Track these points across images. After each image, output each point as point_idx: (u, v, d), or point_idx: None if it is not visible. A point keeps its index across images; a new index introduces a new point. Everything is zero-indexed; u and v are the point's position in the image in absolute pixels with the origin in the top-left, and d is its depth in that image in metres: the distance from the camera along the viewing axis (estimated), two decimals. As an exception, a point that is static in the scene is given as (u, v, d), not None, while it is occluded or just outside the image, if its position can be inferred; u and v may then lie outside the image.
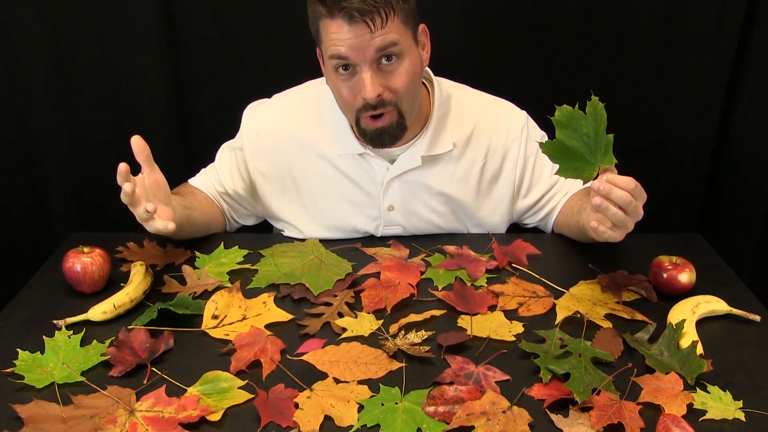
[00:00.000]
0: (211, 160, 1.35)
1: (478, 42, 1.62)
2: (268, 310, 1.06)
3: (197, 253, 1.21)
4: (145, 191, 1.05)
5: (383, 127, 1.12)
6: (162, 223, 1.04)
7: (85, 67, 1.59)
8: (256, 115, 1.29)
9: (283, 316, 1.05)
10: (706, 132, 1.73)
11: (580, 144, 0.96)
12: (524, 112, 1.30)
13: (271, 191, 1.30)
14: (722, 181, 1.78)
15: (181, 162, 1.67)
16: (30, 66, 1.57)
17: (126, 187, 0.99)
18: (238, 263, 1.19)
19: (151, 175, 1.08)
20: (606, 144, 0.95)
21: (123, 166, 0.98)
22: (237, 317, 1.05)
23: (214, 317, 1.05)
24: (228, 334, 1.01)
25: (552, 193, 1.30)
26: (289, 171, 1.28)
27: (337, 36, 1.04)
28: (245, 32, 1.59)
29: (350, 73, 1.09)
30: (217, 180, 1.32)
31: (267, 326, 1.03)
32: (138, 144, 1.06)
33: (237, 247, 1.23)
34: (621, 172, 0.95)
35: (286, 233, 1.34)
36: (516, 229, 1.38)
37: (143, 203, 1.02)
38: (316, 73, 1.29)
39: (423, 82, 1.22)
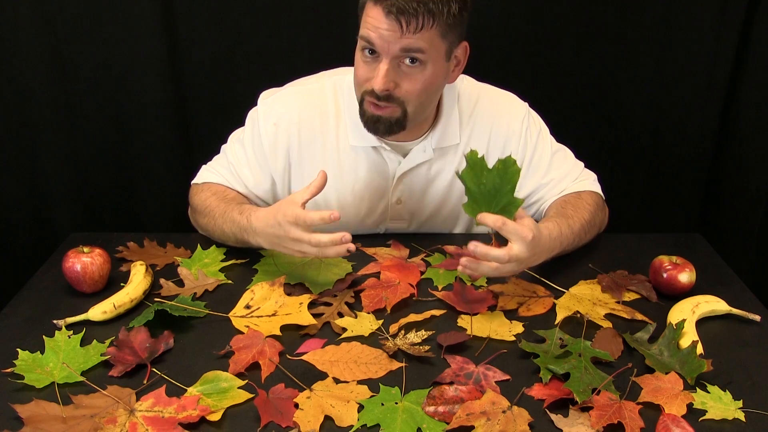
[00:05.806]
0: (211, 159, 1.34)
1: (481, 37, 1.61)
2: (299, 312, 1.04)
3: (179, 259, 1.19)
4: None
5: (381, 116, 1.13)
6: (353, 246, 1.05)
7: (85, 67, 1.59)
8: (272, 104, 1.27)
9: (310, 320, 1.03)
10: (706, 132, 1.73)
11: (477, 191, 0.98)
12: (525, 103, 1.31)
13: (285, 181, 1.28)
14: (722, 181, 1.78)
15: (182, 162, 1.67)
16: (30, 66, 1.57)
17: (351, 247, 1.03)
18: (223, 260, 1.19)
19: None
20: (507, 205, 0.98)
21: (344, 237, 1.02)
22: (268, 312, 1.05)
23: (247, 307, 1.05)
24: (248, 326, 1.01)
25: (545, 190, 1.30)
26: (306, 161, 1.26)
27: (372, 22, 1.07)
28: (246, 33, 1.59)
29: (373, 57, 1.10)
30: (235, 176, 1.28)
31: (286, 327, 1.02)
32: (323, 181, 1.06)
33: (214, 246, 1.23)
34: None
35: None
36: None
37: (344, 248, 1.04)
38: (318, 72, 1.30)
39: None
